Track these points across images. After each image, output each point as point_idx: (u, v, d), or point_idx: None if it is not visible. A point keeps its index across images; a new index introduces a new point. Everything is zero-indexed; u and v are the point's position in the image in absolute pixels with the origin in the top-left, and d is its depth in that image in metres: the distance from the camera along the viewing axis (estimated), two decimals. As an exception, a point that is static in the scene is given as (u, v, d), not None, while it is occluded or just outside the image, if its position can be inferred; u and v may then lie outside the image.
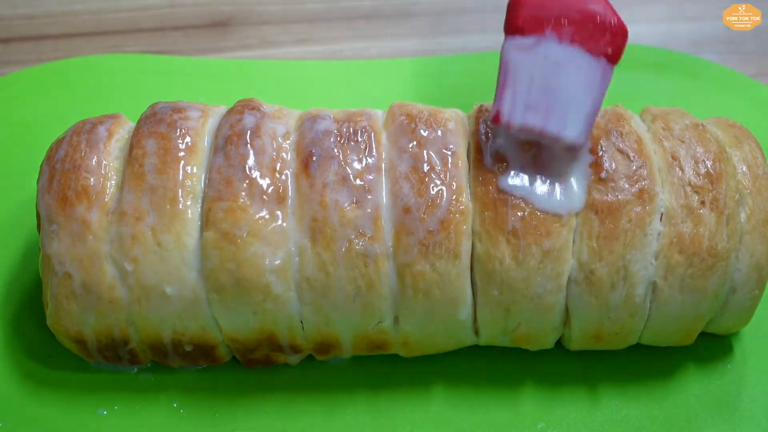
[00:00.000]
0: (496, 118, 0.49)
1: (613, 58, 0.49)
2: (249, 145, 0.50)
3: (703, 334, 0.54)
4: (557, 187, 0.49)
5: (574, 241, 0.49)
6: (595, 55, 0.49)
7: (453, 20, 0.85)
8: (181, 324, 0.50)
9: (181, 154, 0.50)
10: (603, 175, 0.49)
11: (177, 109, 0.53)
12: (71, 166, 0.50)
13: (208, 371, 0.53)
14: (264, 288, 0.48)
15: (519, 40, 0.49)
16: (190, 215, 0.49)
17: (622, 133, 0.51)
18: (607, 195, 0.49)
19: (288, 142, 0.51)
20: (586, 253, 0.49)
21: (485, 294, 0.49)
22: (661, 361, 0.54)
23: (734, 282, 0.50)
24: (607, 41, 0.49)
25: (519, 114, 0.49)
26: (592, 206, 0.49)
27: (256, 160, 0.50)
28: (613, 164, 0.50)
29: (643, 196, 0.49)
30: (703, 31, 0.83)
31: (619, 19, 0.49)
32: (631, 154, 0.50)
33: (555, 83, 0.49)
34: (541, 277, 0.48)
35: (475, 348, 0.54)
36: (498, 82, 0.50)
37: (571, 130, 0.48)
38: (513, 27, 0.49)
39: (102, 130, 0.53)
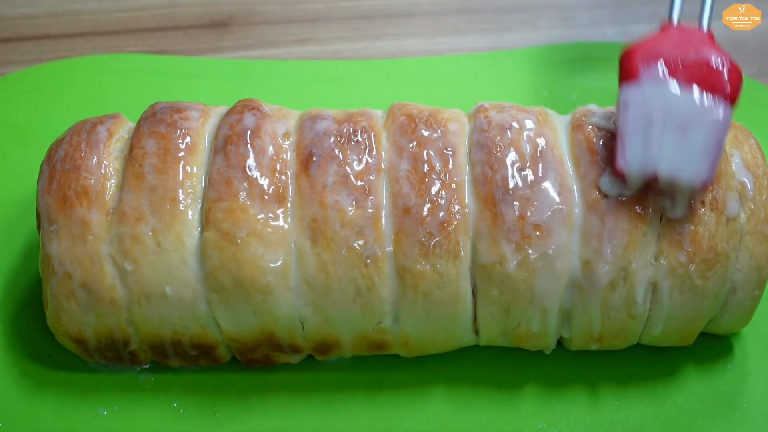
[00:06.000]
0: (616, 170, 0.48)
1: (732, 98, 0.49)
2: (249, 145, 0.50)
3: (703, 334, 0.54)
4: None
5: (574, 242, 0.49)
6: (713, 95, 0.48)
7: (453, 20, 0.85)
8: (181, 324, 0.49)
9: (181, 154, 0.50)
10: (603, 174, 0.49)
11: (177, 109, 0.53)
12: (71, 166, 0.50)
13: (208, 371, 0.53)
14: (264, 288, 0.48)
15: (635, 88, 0.49)
16: (190, 215, 0.49)
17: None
18: (607, 195, 0.49)
19: (288, 142, 0.51)
20: (586, 253, 0.49)
21: (485, 294, 0.49)
22: (661, 361, 0.54)
23: (734, 282, 0.50)
24: (723, 82, 0.49)
25: (638, 161, 0.48)
26: (592, 206, 0.49)
27: (256, 161, 0.50)
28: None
29: (643, 196, 0.49)
30: (703, 31, 0.83)
31: (732, 61, 0.49)
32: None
33: (676, 126, 0.48)
34: (542, 277, 0.48)
35: (475, 348, 0.54)
36: (617, 129, 0.49)
37: (695, 172, 0.48)
38: (628, 74, 0.49)
39: (102, 130, 0.53)
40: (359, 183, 0.49)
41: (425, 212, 0.48)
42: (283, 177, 0.50)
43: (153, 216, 0.48)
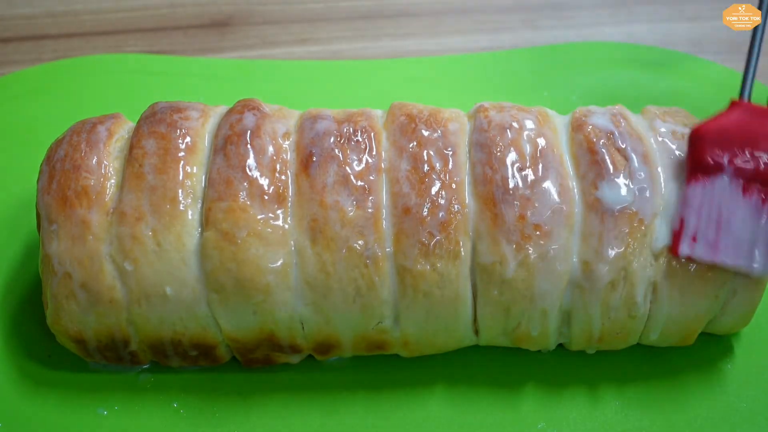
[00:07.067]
0: (675, 249, 0.49)
1: None
2: (249, 145, 0.50)
3: (703, 334, 0.54)
4: None
5: (574, 242, 0.49)
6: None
7: (453, 20, 0.85)
8: (181, 324, 0.49)
9: (181, 154, 0.50)
10: (603, 175, 0.49)
11: (177, 109, 0.53)
12: (71, 166, 0.50)
13: (208, 371, 0.53)
14: (264, 288, 0.48)
15: (703, 186, 0.49)
16: (190, 215, 0.49)
17: (622, 133, 0.51)
18: (608, 195, 0.49)
19: (288, 142, 0.51)
20: (586, 253, 0.49)
21: (485, 294, 0.49)
22: (661, 361, 0.54)
23: (734, 283, 0.50)
24: None
25: (702, 252, 0.48)
26: (592, 206, 0.49)
27: (256, 160, 0.50)
28: (614, 164, 0.50)
29: (644, 196, 0.49)
30: (703, 31, 0.83)
31: None
32: (632, 154, 0.50)
33: (737, 226, 0.48)
34: (542, 278, 0.48)
35: (475, 348, 0.54)
36: (681, 217, 0.49)
37: (757, 266, 0.48)
38: (697, 165, 0.49)
39: (102, 130, 0.53)
40: (359, 183, 0.49)
41: (425, 212, 0.48)
42: (283, 177, 0.50)
43: (153, 216, 0.48)
